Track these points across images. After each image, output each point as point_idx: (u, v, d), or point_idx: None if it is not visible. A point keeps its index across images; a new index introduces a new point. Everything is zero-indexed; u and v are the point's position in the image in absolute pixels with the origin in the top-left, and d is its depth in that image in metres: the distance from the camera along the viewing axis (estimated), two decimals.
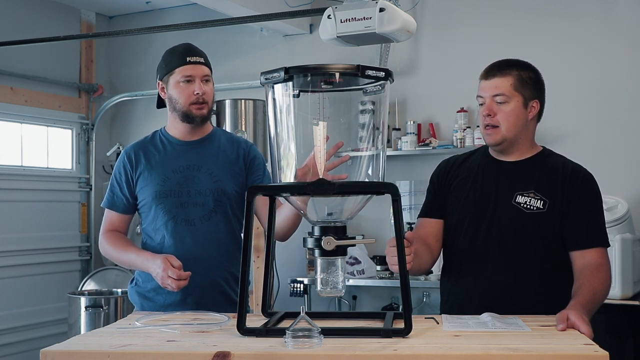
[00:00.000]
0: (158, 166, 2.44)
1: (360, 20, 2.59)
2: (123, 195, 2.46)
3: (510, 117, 2.13)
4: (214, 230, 2.40)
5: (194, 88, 2.37)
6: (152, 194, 2.41)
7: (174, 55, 2.42)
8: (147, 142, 2.51)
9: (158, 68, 2.47)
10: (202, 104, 2.39)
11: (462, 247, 2.20)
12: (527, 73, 2.16)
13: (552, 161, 2.20)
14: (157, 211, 2.41)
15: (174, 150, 2.46)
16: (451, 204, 2.24)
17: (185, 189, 2.40)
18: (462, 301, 2.19)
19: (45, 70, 5.46)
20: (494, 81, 2.14)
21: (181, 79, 2.38)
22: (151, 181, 2.42)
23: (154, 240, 2.43)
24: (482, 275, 2.15)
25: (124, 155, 2.49)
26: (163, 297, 2.39)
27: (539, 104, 2.18)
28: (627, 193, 4.12)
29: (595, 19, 4.44)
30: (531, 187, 2.14)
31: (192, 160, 2.43)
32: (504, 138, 2.15)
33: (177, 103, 2.40)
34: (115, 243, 2.44)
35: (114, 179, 2.49)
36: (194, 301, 2.33)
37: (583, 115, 4.44)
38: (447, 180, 2.28)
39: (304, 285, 4.64)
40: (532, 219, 2.12)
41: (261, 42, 5.35)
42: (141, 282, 2.46)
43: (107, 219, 2.50)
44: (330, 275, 1.75)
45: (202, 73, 2.40)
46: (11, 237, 5.11)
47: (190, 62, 2.39)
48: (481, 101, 2.18)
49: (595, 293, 1.98)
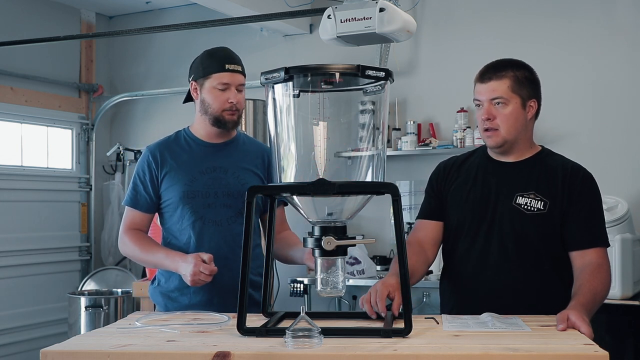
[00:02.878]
0: (185, 166, 2.43)
1: (360, 20, 2.59)
2: (147, 193, 2.45)
3: (510, 119, 2.12)
4: (241, 232, 2.38)
5: (229, 96, 2.38)
6: (179, 194, 2.40)
7: (212, 60, 2.41)
8: (171, 141, 2.50)
9: (193, 67, 2.47)
10: (234, 111, 2.41)
11: (463, 249, 2.20)
12: (523, 73, 2.15)
13: (551, 161, 2.20)
14: (184, 211, 2.41)
15: (201, 152, 2.46)
16: (451, 206, 2.24)
17: (213, 190, 2.41)
18: (462, 302, 2.18)
19: (45, 70, 5.46)
20: (491, 84, 2.12)
21: (218, 85, 2.38)
22: (178, 181, 2.41)
23: (179, 241, 2.42)
24: (482, 276, 2.15)
25: (148, 154, 2.47)
26: (188, 297, 2.39)
27: (536, 103, 2.18)
28: (627, 193, 4.12)
29: (595, 19, 4.44)
30: (531, 188, 2.14)
31: (218, 162, 2.44)
32: (504, 140, 2.14)
33: (210, 107, 2.41)
34: (139, 242, 2.42)
35: (137, 178, 2.46)
36: (220, 302, 2.31)
37: (583, 115, 4.44)
38: (446, 182, 2.28)
39: (304, 285, 4.64)
40: (533, 220, 2.11)
41: (261, 42, 5.35)
42: (164, 282, 2.45)
43: (129, 217, 2.48)
44: (330, 275, 1.75)
45: (238, 82, 2.41)
46: (11, 237, 5.12)
47: (229, 69, 2.39)
48: (478, 104, 2.17)
49: (595, 293, 1.97)
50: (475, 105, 2.19)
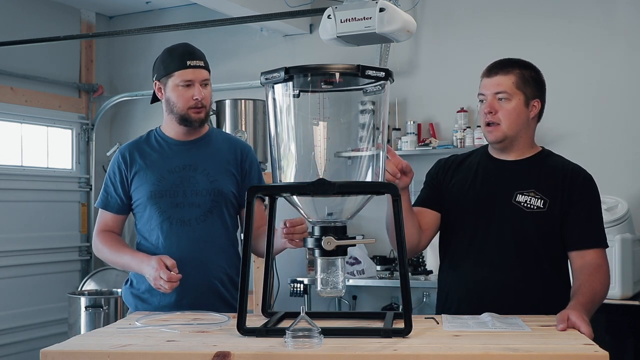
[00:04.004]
0: (153, 166, 2.41)
1: (360, 20, 2.59)
2: (117, 195, 2.44)
3: (512, 115, 2.13)
4: (210, 231, 2.38)
5: (193, 92, 2.34)
6: (147, 194, 2.39)
7: (173, 57, 2.38)
8: (141, 141, 2.48)
9: (155, 67, 2.44)
10: (200, 108, 2.37)
11: (461, 246, 2.20)
12: (529, 72, 2.17)
13: (551, 161, 2.21)
14: (152, 211, 2.38)
15: (170, 150, 2.43)
16: (450, 202, 2.24)
17: (181, 189, 2.37)
18: (460, 301, 2.18)
19: (45, 70, 5.46)
20: (496, 79, 2.14)
21: (180, 82, 2.34)
22: (146, 181, 2.40)
23: (148, 241, 2.41)
24: (480, 274, 2.15)
25: (118, 155, 2.46)
26: (157, 298, 2.37)
27: (540, 104, 2.18)
28: (627, 193, 4.13)
29: (595, 20, 4.45)
30: (531, 186, 2.14)
31: (188, 161, 2.41)
32: (505, 135, 2.15)
33: (175, 106, 2.37)
34: (109, 244, 2.42)
35: (108, 179, 2.46)
36: (189, 302, 2.29)
37: (583, 116, 4.45)
38: (445, 177, 2.28)
39: (304, 285, 4.64)
40: (532, 218, 2.11)
41: (261, 42, 5.35)
42: (135, 283, 2.44)
43: (101, 219, 2.48)
44: (330, 275, 1.75)
45: (202, 77, 2.37)
46: (11, 237, 5.12)
47: (190, 66, 2.34)
48: (482, 98, 2.18)
49: (595, 293, 1.98)
50: (480, 100, 2.20)
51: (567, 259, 2.15)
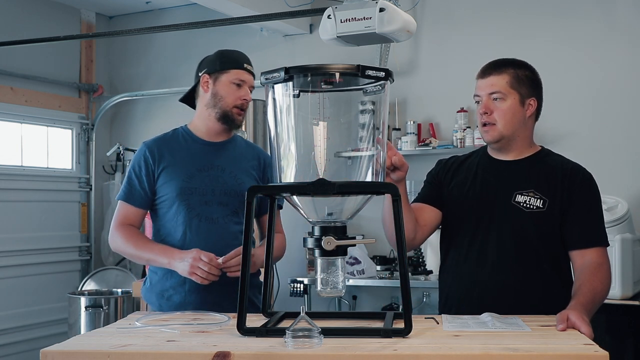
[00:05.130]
0: (183, 163, 2.44)
1: (360, 20, 2.59)
2: (142, 188, 2.44)
3: (507, 115, 2.13)
4: (237, 230, 2.41)
5: (242, 93, 2.44)
6: (176, 190, 2.41)
7: (230, 57, 2.48)
8: (168, 138, 2.51)
9: (205, 62, 2.50)
10: (242, 110, 2.46)
11: (461, 246, 2.20)
12: (524, 71, 2.17)
13: (551, 160, 2.21)
14: (180, 208, 2.41)
15: (199, 149, 2.47)
16: (450, 203, 2.24)
17: (210, 187, 2.42)
18: (460, 301, 2.18)
19: (45, 70, 5.46)
20: (490, 79, 2.15)
21: (235, 80, 2.44)
22: (176, 177, 2.42)
23: (173, 237, 2.42)
24: (480, 274, 2.15)
25: (145, 149, 2.47)
26: (182, 295, 2.38)
27: (536, 102, 2.19)
28: (627, 193, 4.13)
29: (595, 19, 4.45)
30: (530, 186, 2.14)
31: (216, 161, 2.46)
32: (501, 135, 2.15)
33: (221, 101, 2.44)
34: (133, 238, 2.41)
35: (132, 173, 2.46)
36: (214, 301, 2.30)
37: (583, 115, 4.44)
38: (446, 177, 2.29)
39: (304, 285, 4.64)
40: (532, 218, 2.12)
41: (261, 42, 5.35)
42: (157, 281, 2.44)
43: (122, 212, 2.46)
44: (330, 275, 1.74)
45: (251, 83, 2.49)
46: (11, 237, 5.12)
47: (247, 69, 2.47)
48: (478, 99, 2.19)
49: (595, 293, 1.98)
50: (475, 102, 2.21)
51: (567, 259, 2.15)
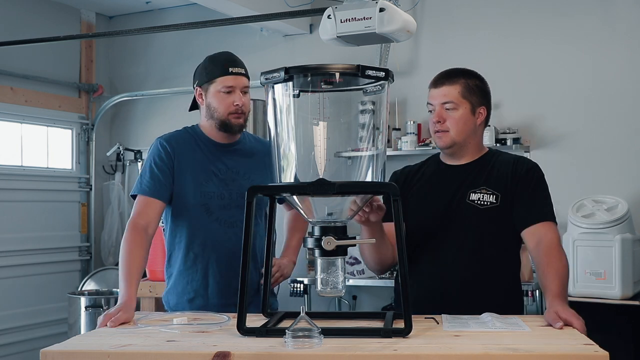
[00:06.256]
0: (201, 165, 2.41)
1: (360, 20, 2.59)
2: (166, 181, 2.36)
3: (459, 123, 2.20)
4: (257, 233, 2.40)
5: (234, 99, 2.39)
6: (194, 193, 2.38)
7: (215, 64, 2.42)
8: (181, 136, 2.46)
9: (197, 74, 2.47)
10: (240, 114, 2.41)
11: (420, 248, 2.22)
12: (474, 81, 2.25)
13: (499, 158, 2.28)
14: (200, 211, 2.38)
15: (213, 152, 2.44)
16: (411, 211, 2.25)
17: (228, 190, 2.40)
18: (426, 301, 2.17)
19: (45, 70, 5.46)
20: (443, 89, 2.22)
21: (222, 88, 2.39)
22: (193, 180, 2.39)
23: (192, 241, 2.40)
24: (440, 274, 2.19)
25: (164, 144, 2.41)
26: (204, 299, 2.38)
27: (485, 111, 2.26)
28: (627, 193, 4.12)
29: (595, 19, 4.44)
30: (481, 183, 2.20)
31: (230, 164, 2.44)
32: (453, 141, 2.21)
33: (215, 112, 2.41)
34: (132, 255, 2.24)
35: (154, 165, 2.37)
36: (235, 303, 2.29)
37: (583, 115, 4.44)
38: (402, 188, 2.29)
39: (304, 285, 4.64)
40: (487, 214, 2.17)
41: (261, 42, 5.35)
42: (183, 287, 2.42)
43: (144, 209, 2.31)
44: (330, 275, 1.75)
45: (242, 84, 2.43)
46: (11, 237, 5.12)
47: (232, 72, 2.40)
48: (431, 108, 2.25)
49: (560, 275, 2.01)
50: (429, 110, 2.26)
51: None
